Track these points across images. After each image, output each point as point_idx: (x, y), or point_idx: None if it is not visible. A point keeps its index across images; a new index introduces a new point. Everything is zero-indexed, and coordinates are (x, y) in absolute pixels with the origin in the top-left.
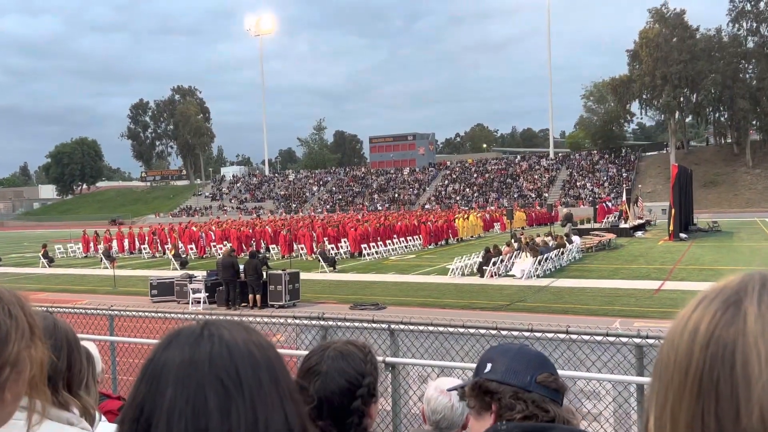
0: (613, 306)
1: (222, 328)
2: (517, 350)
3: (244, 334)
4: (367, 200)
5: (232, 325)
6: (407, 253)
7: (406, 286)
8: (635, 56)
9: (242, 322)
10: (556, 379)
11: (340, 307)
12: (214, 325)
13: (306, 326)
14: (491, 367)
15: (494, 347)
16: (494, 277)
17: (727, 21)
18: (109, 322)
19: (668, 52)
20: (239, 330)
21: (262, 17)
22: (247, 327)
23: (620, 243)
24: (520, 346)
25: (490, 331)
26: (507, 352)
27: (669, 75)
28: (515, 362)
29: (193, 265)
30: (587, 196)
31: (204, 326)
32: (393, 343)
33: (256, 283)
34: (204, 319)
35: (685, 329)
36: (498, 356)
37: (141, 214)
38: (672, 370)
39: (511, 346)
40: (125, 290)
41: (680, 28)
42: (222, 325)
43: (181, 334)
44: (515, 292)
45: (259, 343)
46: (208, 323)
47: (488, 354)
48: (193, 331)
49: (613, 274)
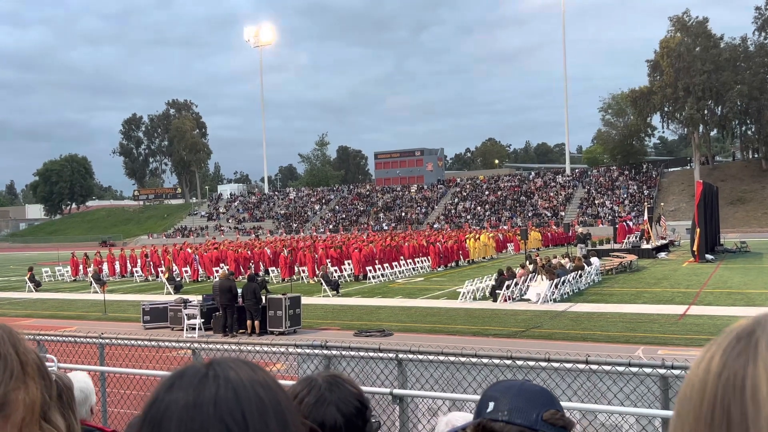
0: (635, 332)
1: (228, 369)
2: (519, 387)
3: (251, 373)
4: (373, 219)
5: (239, 365)
6: (415, 275)
7: (413, 311)
8: (656, 66)
9: (248, 361)
10: (562, 416)
11: (343, 333)
12: (220, 365)
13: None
14: (494, 406)
15: (495, 385)
16: (508, 301)
17: (753, 29)
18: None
19: (691, 62)
20: (246, 370)
21: (261, 27)
22: (253, 366)
23: (642, 265)
24: (523, 383)
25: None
26: (509, 390)
27: (692, 86)
28: (519, 400)
29: (187, 289)
30: (606, 214)
31: (210, 366)
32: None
33: (254, 308)
34: (210, 359)
35: (700, 366)
36: (500, 394)
37: (133, 235)
38: (688, 404)
39: (513, 383)
40: (116, 316)
41: (703, 37)
42: (228, 365)
43: (186, 375)
44: (530, 317)
45: (266, 383)
46: (213, 363)
47: (490, 392)
48: (197, 371)
49: (635, 298)
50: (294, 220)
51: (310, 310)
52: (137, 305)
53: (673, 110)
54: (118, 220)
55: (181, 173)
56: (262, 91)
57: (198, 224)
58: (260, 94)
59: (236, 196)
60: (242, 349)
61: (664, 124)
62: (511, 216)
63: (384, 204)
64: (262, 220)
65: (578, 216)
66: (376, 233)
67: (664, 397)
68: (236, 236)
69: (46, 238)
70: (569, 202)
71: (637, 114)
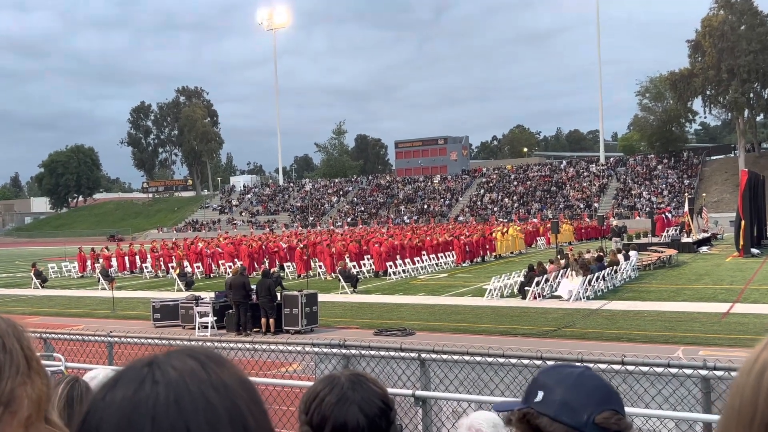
0: (674, 332)
1: (169, 371)
2: (576, 378)
3: (200, 372)
4: (393, 212)
5: (184, 361)
6: (438, 271)
7: (437, 309)
8: (697, 47)
9: (201, 354)
10: (620, 419)
11: (363, 332)
12: (161, 364)
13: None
14: (543, 397)
15: (549, 370)
16: (538, 298)
17: None
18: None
19: (735, 42)
20: (193, 368)
21: (275, 9)
22: (205, 361)
23: (682, 260)
24: (581, 373)
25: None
26: (564, 380)
27: (736, 68)
28: (572, 394)
29: (199, 286)
30: (643, 206)
31: (148, 368)
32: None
33: (269, 306)
34: (153, 356)
35: (752, 371)
36: (553, 383)
37: (142, 229)
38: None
39: (570, 372)
40: (125, 314)
41: (749, 15)
42: (171, 363)
43: (120, 382)
44: (562, 316)
45: (221, 384)
46: (154, 361)
47: (542, 378)
48: (136, 372)
49: (675, 295)
50: (310, 213)
51: (327, 308)
52: (147, 302)
53: (715, 94)
54: (127, 214)
55: (191, 164)
56: (276, 77)
57: (210, 218)
58: (274, 81)
59: (249, 188)
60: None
61: (705, 109)
62: (541, 208)
63: (405, 196)
64: (277, 213)
65: (613, 208)
66: (397, 227)
67: (705, 401)
68: (250, 230)
69: (52, 233)
70: (603, 192)
71: (676, 98)
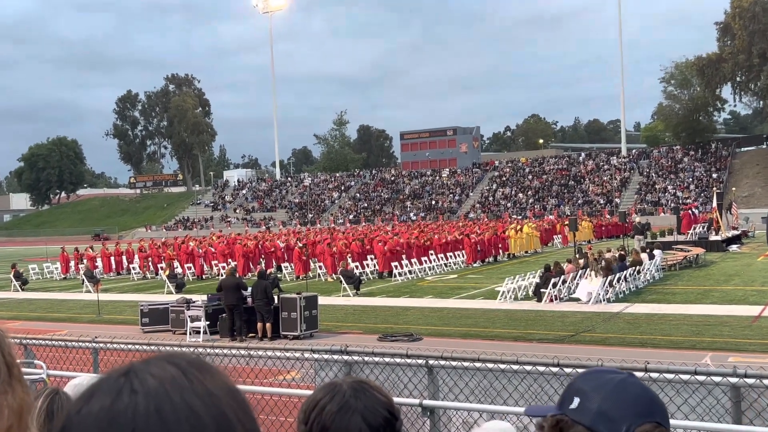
0: (702, 337)
1: (148, 376)
2: (616, 384)
3: (181, 379)
4: (399, 209)
5: (164, 369)
6: (447, 272)
7: (446, 312)
8: (726, 30)
9: (181, 361)
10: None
11: (366, 338)
12: (139, 372)
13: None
14: (579, 404)
15: (588, 375)
16: (554, 301)
17: None
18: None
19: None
20: (173, 375)
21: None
22: (186, 369)
23: (710, 259)
24: (623, 379)
25: (549, 368)
26: (603, 386)
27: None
28: (611, 402)
29: (190, 288)
30: (668, 201)
31: (125, 377)
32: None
33: (265, 310)
34: (129, 363)
35: None
36: (590, 389)
37: (129, 227)
38: None
39: (610, 378)
40: (111, 318)
41: None
42: (149, 370)
43: (96, 392)
44: (580, 320)
45: (205, 391)
46: (131, 370)
47: (579, 383)
48: (111, 387)
49: (702, 297)
50: (309, 210)
51: (328, 312)
52: (135, 306)
53: (746, 80)
54: (113, 211)
55: (182, 157)
56: (273, 63)
57: (202, 215)
58: (271, 67)
59: (244, 183)
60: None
61: (735, 97)
62: (558, 204)
63: (411, 191)
64: (274, 210)
65: (636, 203)
66: (403, 224)
67: (735, 410)
68: (245, 228)
69: (32, 231)
70: (625, 187)
71: (704, 85)
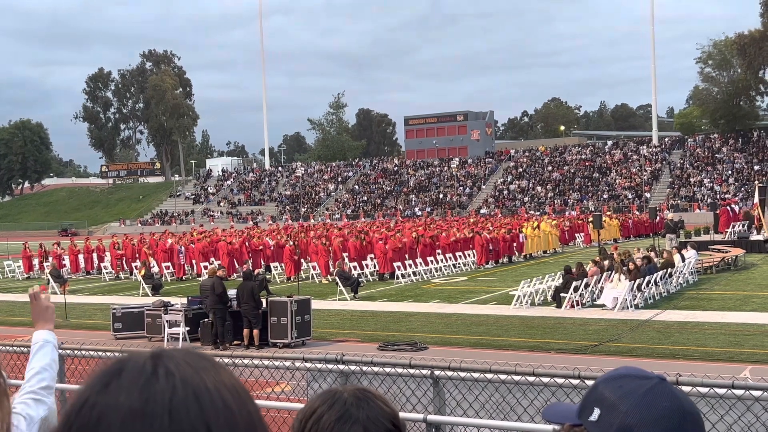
0: (741, 348)
1: (184, 365)
2: (645, 393)
3: (215, 373)
4: (402, 203)
5: (196, 360)
6: (456, 274)
7: (454, 319)
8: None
9: (206, 355)
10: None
11: (364, 346)
12: (172, 359)
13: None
14: (600, 416)
15: (613, 380)
16: (576, 307)
17: None
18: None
19: None
20: (207, 367)
21: None
22: (215, 363)
23: (751, 261)
24: (652, 387)
25: (569, 380)
26: (629, 395)
27: None
28: (636, 415)
29: (169, 290)
30: (705, 196)
31: (157, 360)
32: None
33: (252, 314)
34: (153, 350)
35: None
36: (615, 398)
37: (101, 222)
38: None
39: (638, 384)
40: (80, 323)
41: None
42: (183, 359)
43: (126, 371)
44: (605, 328)
45: (234, 387)
46: (161, 355)
47: (601, 389)
48: (141, 366)
49: (742, 304)
50: (302, 204)
51: (322, 317)
52: (106, 309)
53: None
54: (82, 203)
55: (159, 144)
56: (263, 39)
57: (181, 208)
58: (260, 44)
59: (230, 173)
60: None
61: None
62: (581, 198)
63: (417, 183)
64: (262, 204)
65: (668, 198)
66: (407, 220)
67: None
68: (230, 223)
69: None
70: (656, 180)
71: (746, 66)
